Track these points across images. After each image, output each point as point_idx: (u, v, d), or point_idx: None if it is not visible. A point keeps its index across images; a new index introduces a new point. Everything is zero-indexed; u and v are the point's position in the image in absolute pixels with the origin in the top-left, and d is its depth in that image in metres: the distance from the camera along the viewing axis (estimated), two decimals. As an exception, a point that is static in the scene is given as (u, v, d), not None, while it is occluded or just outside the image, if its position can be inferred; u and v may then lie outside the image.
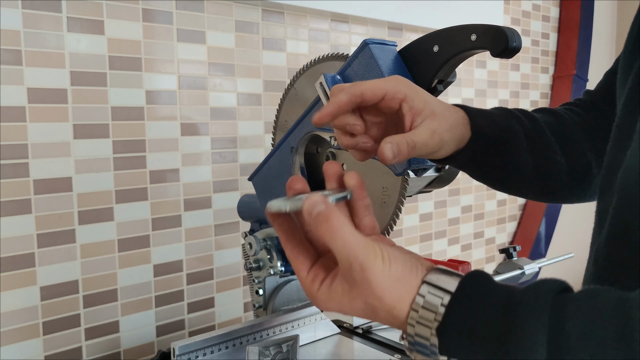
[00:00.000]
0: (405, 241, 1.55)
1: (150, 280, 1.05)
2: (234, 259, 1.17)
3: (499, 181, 0.62)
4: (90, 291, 0.97)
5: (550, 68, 2.08)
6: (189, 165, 1.09)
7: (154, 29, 1.02)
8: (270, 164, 0.83)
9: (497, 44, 0.53)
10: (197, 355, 0.79)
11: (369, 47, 0.61)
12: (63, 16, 0.91)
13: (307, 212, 0.39)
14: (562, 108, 0.67)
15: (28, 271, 0.90)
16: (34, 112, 0.89)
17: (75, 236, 0.95)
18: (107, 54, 0.96)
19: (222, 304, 1.16)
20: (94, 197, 0.96)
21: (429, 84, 0.60)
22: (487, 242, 1.87)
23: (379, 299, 0.39)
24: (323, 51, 1.29)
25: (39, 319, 0.92)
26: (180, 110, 1.07)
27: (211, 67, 1.11)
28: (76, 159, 0.94)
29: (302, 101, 0.81)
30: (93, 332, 0.98)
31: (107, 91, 0.97)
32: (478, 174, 0.61)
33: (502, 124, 0.58)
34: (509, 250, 1.06)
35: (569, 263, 1.10)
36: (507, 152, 0.58)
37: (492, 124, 0.57)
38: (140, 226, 1.03)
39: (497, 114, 0.59)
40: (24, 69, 0.88)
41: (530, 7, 1.93)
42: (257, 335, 0.86)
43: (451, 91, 1.65)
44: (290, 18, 1.22)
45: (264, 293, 0.94)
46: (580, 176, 0.62)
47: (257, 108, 1.19)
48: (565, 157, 0.61)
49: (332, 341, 0.94)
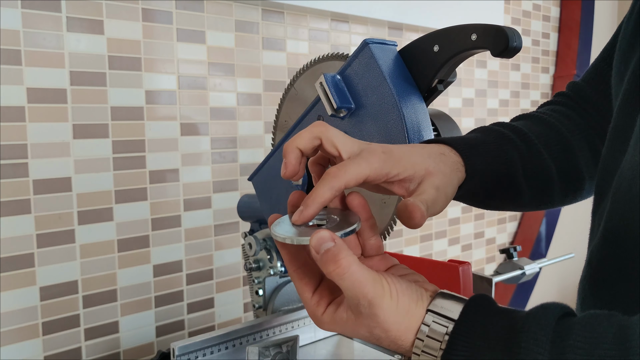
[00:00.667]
0: (405, 241, 1.55)
1: (150, 281, 1.05)
2: (234, 259, 1.17)
3: (497, 207, 0.61)
4: (90, 291, 0.97)
5: (551, 68, 2.08)
6: (189, 165, 1.09)
7: (153, 29, 1.01)
8: (270, 164, 0.83)
9: (497, 43, 0.53)
10: (197, 356, 0.79)
11: (369, 46, 0.61)
12: (63, 16, 0.91)
13: (315, 250, 0.38)
14: (546, 110, 0.65)
15: (27, 271, 0.90)
16: (33, 112, 0.89)
17: (74, 236, 0.95)
18: (107, 54, 0.96)
19: (222, 305, 1.16)
20: (93, 197, 0.96)
21: (429, 84, 0.60)
22: (487, 242, 1.87)
23: (385, 331, 0.39)
24: (323, 51, 1.29)
25: (38, 319, 0.92)
26: (180, 110, 1.06)
27: (211, 67, 1.10)
28: (76, 159, 0.94)
29: (302, 101, 0.81)
30: (93, 333, 0.98)
31: (106, 91, 0.96)
32: (475, 205, 0.60)
33: (498, 156, 0.55)
34: (509, 251, 1.05)
35: (569, 263, 1.10)
36: (504, 185, 0.56)
37: (488, 160, 0.54)
38: (140, 226, 1.02)
39: (491, 143, 0.56)
40: (23, 68, 0.87)
41: (531, 6, 1.93)
42: (257, 336, 0.86)
43: (451, 91, 1.65)
44: (290, 18, 1.22)
45: (263, 293, 0.94)
46: (573, 184, 0.62)
47: (257, 108, 1.19)
48: (557, 170, 0.59)
49: (332, 341, 0.94)
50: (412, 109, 0.59)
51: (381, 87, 0.60)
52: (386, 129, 0.61)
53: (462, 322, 0.38)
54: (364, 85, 0.62)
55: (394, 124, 0.59)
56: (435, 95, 0.61)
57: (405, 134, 0.58)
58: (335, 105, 0.64)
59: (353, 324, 0.40)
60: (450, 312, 0.39)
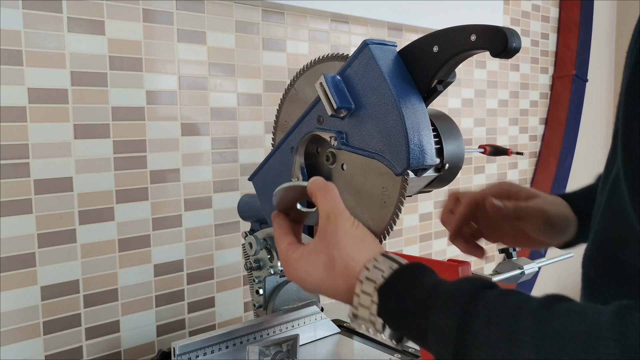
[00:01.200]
0: (405, 241, 1.55)
1: (150, 280, 1.05)
2: (234, 258, 1.18)
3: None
4: (91, 291, 0.97)
5: (550, 68, 2.08)
6: (190, 165, 1.09)
7: (154, 29, 1.02)
8: (271, 164, 0.83)
9: (496, 44, 0.53)
10: (198, 355, 0.79)
11: (368, 47, 0.61)
12: (63, 16, 0.91)
13: (311, 182, 0.52)
14: None
15: (28, 271, 0.90)
16: (34, 112, 0.89)
17: (75, 236, 0.95)
18: (108, 54, 0.96)
19: (222, 304, 1.17)
20: (94, 197, 0.96)
21: (429, 84, 0.60)
22: (487, 241, 1.87)
23: (340, 249, 0.47)
24: (323, 51, 1.29)
25: (39, 319, 0.92)
26: (180, 111, 1.07)
27: (211, 68, 1.11)
28: (77, 159, 0.94)
29: (302, 101, 0.82)
30: (93, 332, 0.98)
31: (107, 91, 0.97)
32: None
33: None
34: (508, 250, 1.06)
35: (569, 263, 1.11)
36: None
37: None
38: (141, 226, 1.03)
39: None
40: (24, 69, 0.88)
41: (530, 7, 1.93)
42: (257, 335, 0.86)
43: (451, 91, 1.66)
44: (290, 18, 1.23)
45: (264, 293, 0.95)
46: None
47: (257, 108, 1.19)
48: None
49: (332, 341, 0.94)
50: (411, 110, 0.59)
51: (381, 88, 0.60)
52: (386, 129, 0.61)
53: (408, 265, 0.45)
54: (364, 85, 0.62)
55: (393, 124, 0.59)
56: (435, 96, 0.61)
57: (404, 134, 0.59)
58: (335, 105, 0.64)
59: (315, 252, 0.49)
60: (399, 259, 0.46)
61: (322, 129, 0.70)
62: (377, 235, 0.60)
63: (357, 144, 0.66)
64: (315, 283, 0.48)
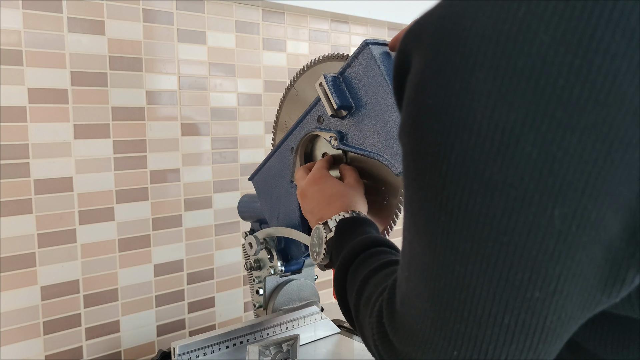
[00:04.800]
0: (405, 241, 1.55)
1: (150, 280, 1.05)
2: (234, 258, 1.18)
3: None
4: (91, 291, 0.97)
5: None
6: (190, 165, 1.09)
7: (154, 29, 1.02)
8: (271, 164, 0.83)
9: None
10: (198, 355, 0.79)
11: (369, 47, 0.61)
12: (64, 16, 0.91)
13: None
14: None
15: (29, 271, 0.90)
16: (34, 112, 0.89)
17: (75, 236, 0.95)
18: (108, 54, 0.96)
19: (222, 304, 1.17)
20: (94, 197, 0.97)
21: (429, 84, 0.60)
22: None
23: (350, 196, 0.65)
24: (323, 51, 1.29)
25: (39, 319, 0.92)
26: (180, 111, 1.07)
27: (212, 68, 1.11)
28: (77, 159, 0.94)
29: (302, 101, 0.82)
30: (93, 332, 0.98)
31: (107, 91, 0.97)
32: None
33: None
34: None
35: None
36: None
37: None
38: (141, 226, 1.03)
39: None
40: (24, 69, 0.88)
41: (530, 7, 1.93)
42: (258, 335, 0.86)
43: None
44: (290, 18, 1.23)
45: (264, 293, 0.95)
46: None
47: (257, 108, 1.19)
48: None
49: (332, 341, 0.94)
50: (411, 109, 0.59)
51: (381, 88, 0.60)
52: (386, 129, 0.61)
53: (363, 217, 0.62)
54: (364, 85, 0.62)
55: (393, 124, 0.59)
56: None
57: (404, 134, 0.59)
58: (335, 105, 0.64)
59: (339, 183, 0.67)
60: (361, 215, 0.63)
61: (322, 129, 0.70)
62: None
63: (357, 144, 0.66)
64: (316, 191, 0.66)
